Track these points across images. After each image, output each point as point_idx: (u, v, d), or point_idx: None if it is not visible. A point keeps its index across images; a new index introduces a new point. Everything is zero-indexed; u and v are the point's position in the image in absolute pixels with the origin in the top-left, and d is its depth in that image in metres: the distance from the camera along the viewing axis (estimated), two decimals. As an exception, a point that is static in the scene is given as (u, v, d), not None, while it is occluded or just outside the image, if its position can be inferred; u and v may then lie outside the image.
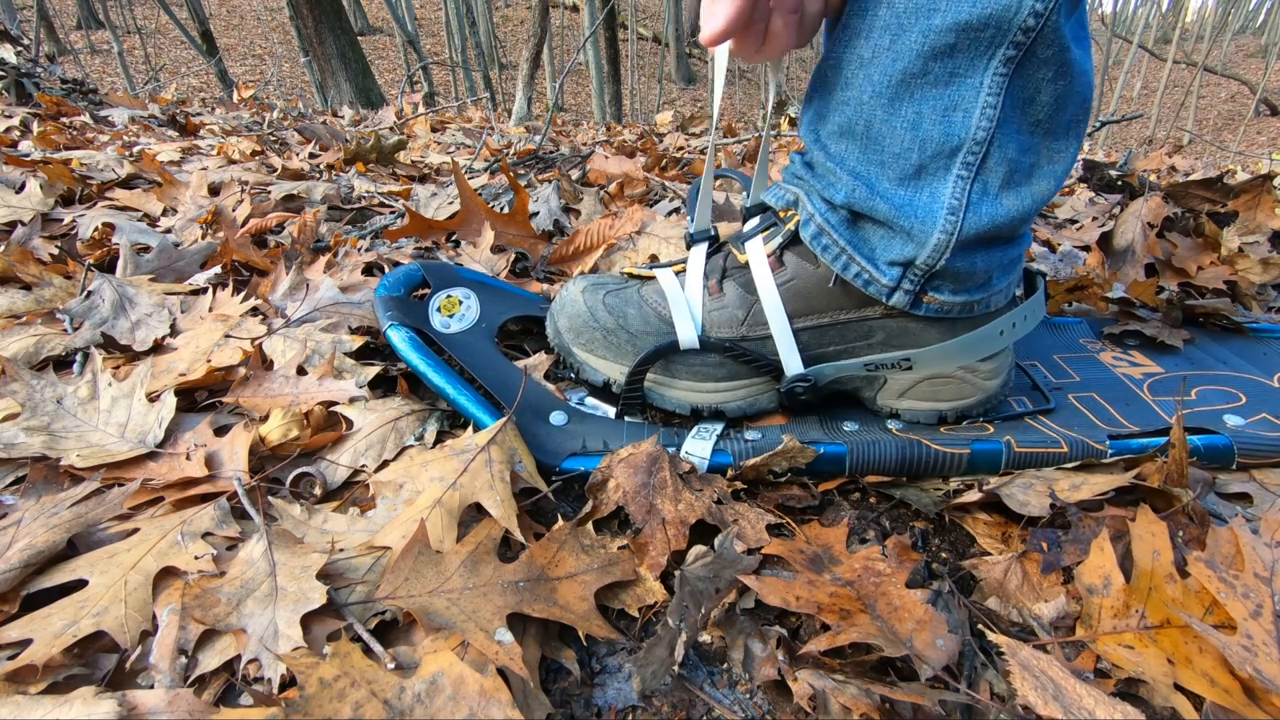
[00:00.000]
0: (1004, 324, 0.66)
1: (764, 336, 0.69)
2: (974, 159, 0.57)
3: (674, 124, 4.04)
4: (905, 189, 0.59)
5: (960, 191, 0.58)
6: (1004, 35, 0.52)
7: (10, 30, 2.77)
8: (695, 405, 0.71)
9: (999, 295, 0.66)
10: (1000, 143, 0.56)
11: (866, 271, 0.63)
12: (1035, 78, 0.55)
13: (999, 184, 0.58)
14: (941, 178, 0.58)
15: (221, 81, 8.91)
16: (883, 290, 0.63)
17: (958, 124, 0.56)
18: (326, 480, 0.62)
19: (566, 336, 0.74)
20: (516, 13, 19.71)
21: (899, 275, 0.62)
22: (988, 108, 0.55)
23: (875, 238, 0.62)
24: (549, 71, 11.69)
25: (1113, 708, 0.40)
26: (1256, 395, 0.76)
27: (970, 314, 0.65)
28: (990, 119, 0.55)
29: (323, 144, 2.13)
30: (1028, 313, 0.67)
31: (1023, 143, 0.58)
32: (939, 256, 0.59)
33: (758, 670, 0.47)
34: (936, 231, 0.58)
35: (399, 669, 0.43)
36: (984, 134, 0.56)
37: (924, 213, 0.59)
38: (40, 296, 0.89)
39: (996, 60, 0.53)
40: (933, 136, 0.57)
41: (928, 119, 0.56)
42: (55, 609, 0.47)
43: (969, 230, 0.59)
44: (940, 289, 0.63)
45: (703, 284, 0.71)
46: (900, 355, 0.66)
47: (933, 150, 0.57)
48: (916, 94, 0.56)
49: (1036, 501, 0.59)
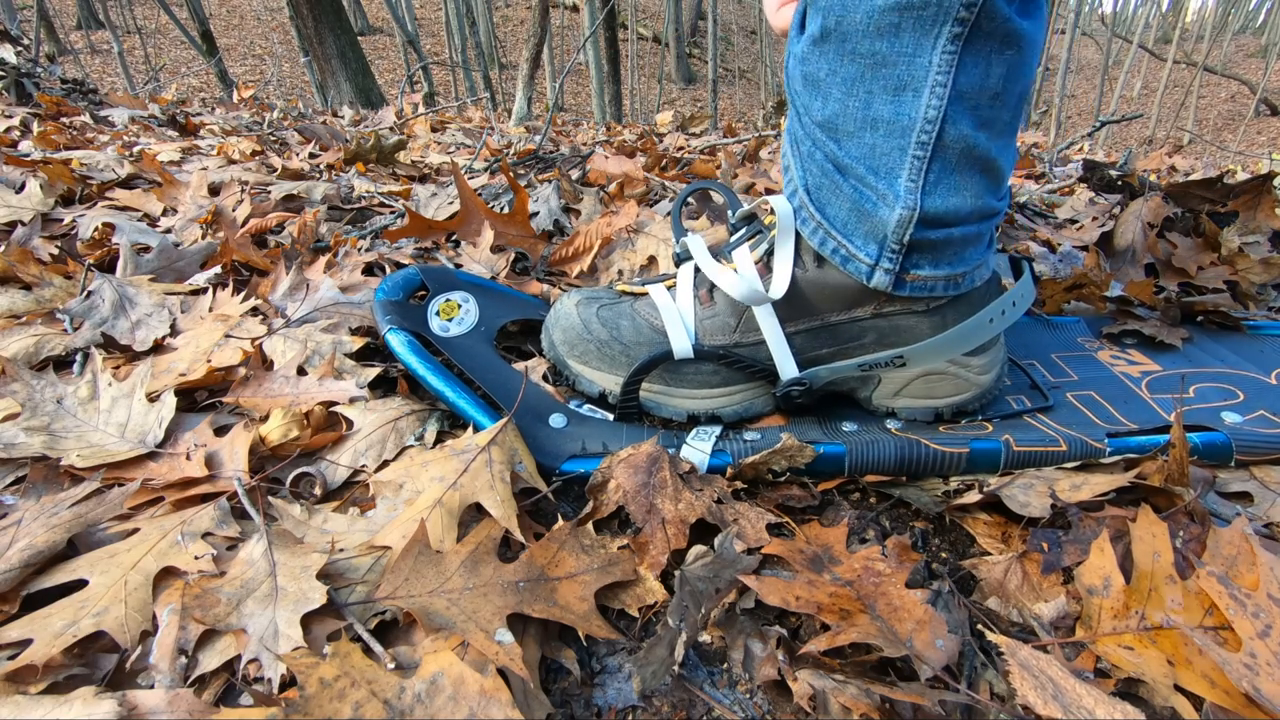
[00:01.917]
0: (992, 312, 0.66)
1: (757, 342, 0.69)
2: (928, 137, 0.58)
3: (674, 124, 4.04)
4: (867, 166, 0.60)
5: (917, 171, 0.59)
6: (947, 14, 0.53)
7: (10, 30, 2.77)
8: (692, 412, 0.71)
9: (981, 270, 0.67)
10: (953, 119, 0.57)
11: (844, 248, 0.64)
12: (984, 52, 0.56)
13: (955, 160, 0.59)
14: (898, 157, 0.59)
15: (221, 81, 8.91)
16: (863, 269, 0.63)
17: (908, 104, 0.57)
18: (326, 480, 0.62)
19: (561, 349, 0.75)
20: (516, 13, 19.71)
21: (877, 252, 0.62)
22: (937, 86, 0.56)
23: (848, 213, 0.63)
24: (549, 71, 11.68)
25: (1112, 707, 0.40)
26: (1255, 392, 0.76)
27: (956, 289, 0.65)
28: (940, 97, 0.56)
29: (323, 144, 2.13)
30: (1015, 299, 0.67)
31: (978, 118, 0.58)
32: (904, 231, 0.60)
33: (758, 670, 0.47)
34: (899, 207, 0.59)
35: (399, 669, 0.43)
36: (935, 112, 0.57)
37: (885, 190, 0.60)
38: (40, 296, 0.89)
39: (944, 39, 0.54)
40: (883, 116, 0.58)
41: (878, 98, 0.57)
42: (55, 609, 0.47)
43: (930, 208, 0.59)
44: (919, 264, 0.63)
45: (694, 294, 0.71)
46: (893, 354, 0.67)
47: (884, 130, 0.58)
48: (867, 74, 0.57)
49: (1037, 502, 0.59)
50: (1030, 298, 0.69)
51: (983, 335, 0.67)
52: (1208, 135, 14.52)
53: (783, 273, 0.66)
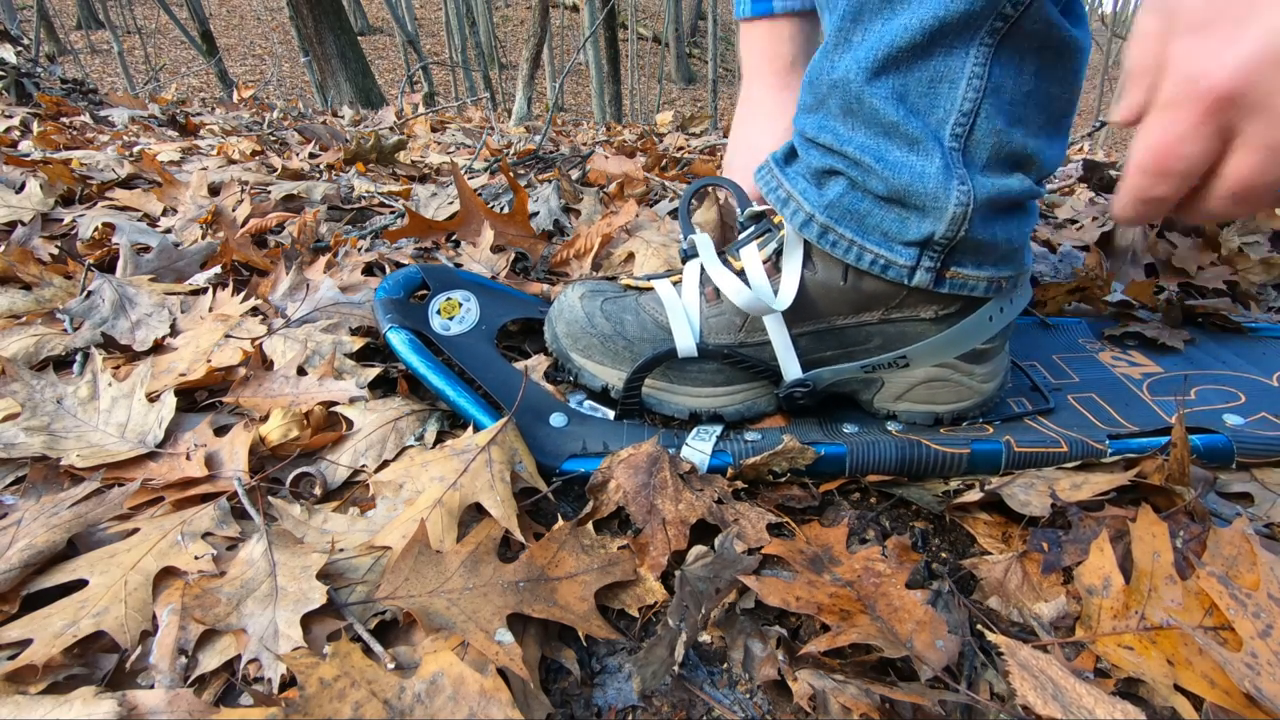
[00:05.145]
0: (991, 309, 0.66)
1: (762, 342, 0.69)
2: (962, 130, 0.58)
3: (674, 124, 4.04)
4: (916, 156, 0.59)
5: (956, 162, 0.59)
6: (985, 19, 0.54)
7: (10, 30, 2.77)
8: (694, 410, 0.71)
9: (1027, 273, 0.67)
10: (987, 114, 0.57)
11: (882, 258, 0.63)
12: (1021, 49, 0.56)
13: (988, 155, 0.59)
14: (936, 149, 0.59)
15: (221, 81, 8.91)
16: (902, 272, 0.62)
17: (944, 95, 0.57)
18: (326, 480, 0.62)
19: (564, 342, 0.74)
20: (516, 13, 19.71)
21: (916, 255, 0.62)
22: (974, 78, 0.56)
23: (888, 221, 0.62)
24: (549, 71, 11.69)
25: (1112, 707, 0.40)
26: (1256, 394, 0.76)
27: (998, 292, 0.65)
28: (977, 89, 0.56)
29: (323, 144, 2.13)
30: (1012, 296, 0.67)
31: (1012, 114, 0.58)
32: (958, 228, 0.59)
33: (758, 670, 0.47)
34: (952, 203, 0.58)
35: (399, 669, 0.43)
36: (970, 104, 0.57)
37: (937, 181, 0.59)
38: (40, 296, 0.89)
39: (982, 32, 0.55)
40: (919, 108, 0.58)
41: (914, 91, 0.58)
42: (55, 609, 0.47)
43: (981, 196, 0.59)
44: (963, 263, 0.62)
45: (699, 292, 0.71)
46: (896, 354, 0.67)
47: (918, 121, 0.58)
48: (902, 66, 0.57)
49: (1038, 501, 0.59)
50: (1027, 294, 0.69)
51: (984, 332, 0.67)
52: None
53: (790, 281, 0.66)
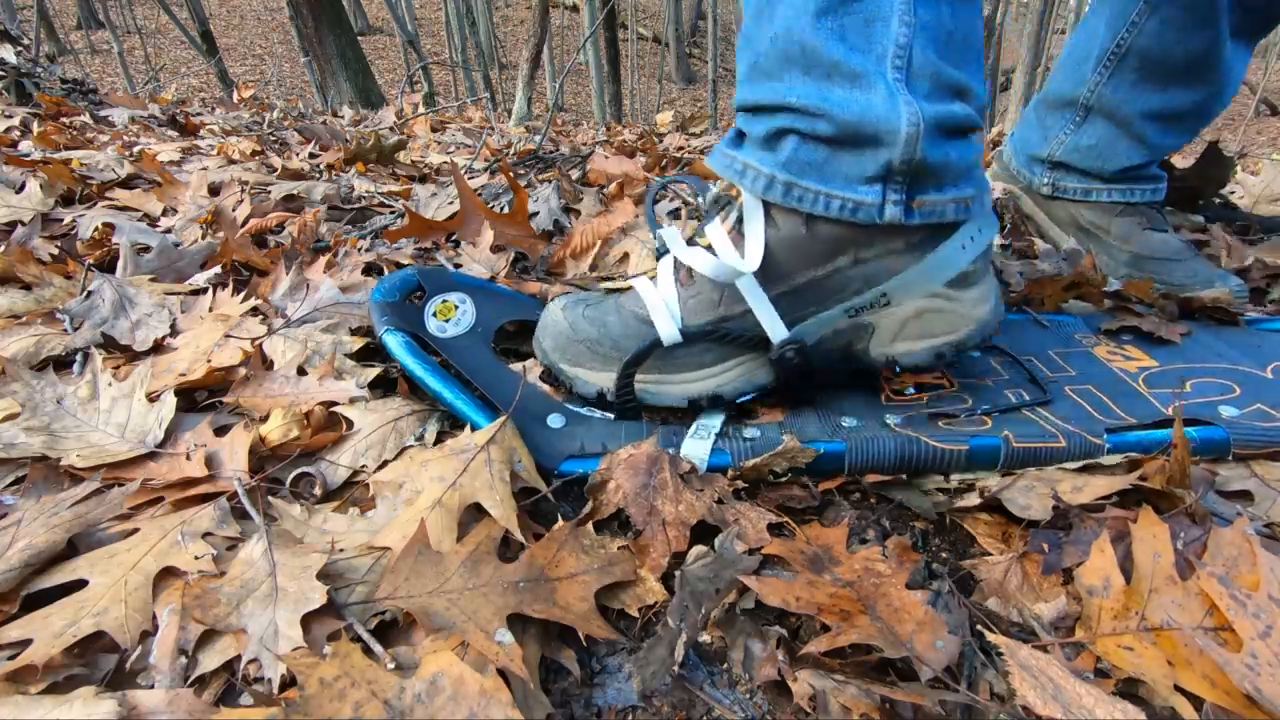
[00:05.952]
0: (962, 238, 0.67)
1: (743, 312, 0.69)
2: (901, 62, 0.61)
3: (674, 124, 4.04)
4: (860, 90, 0.62)
5: (899, 89, 0.62)
6: None
7: (10, 30, 2.77)
8: (691, 396, 0.71)
9: (988, 195, 0.69)
10: (921, 46, 0.61)
11: (850, 200, 0.64)
12: None
13: (929, 85, 0.63)
14: (879, 80, 0.62)
15: (221, 81, 8.91)
16: (872, 211, 0.64)
17: (879, 32, 0.61)
18: (326, 480, 0.62)
19: (553, 356, 0.75)
20: (516, 13, 19.71)
21: (881, 190, 0.64)
22: (905, 15, 0.60)
23: (846, 163, 0.64)
24: (549, 71, 11.69)
25: (1112, 707, 0.40)
26: (1251, 386, 0.76)
27: (967, 214, 0.67)
28: (909, 25, 0.61)
29: (323, 144, 2.13)
30: (981, 225, 0.69)
31: (941, 49, 0.63)
32: (913, 150, 0.62)
33: (758, 670, 0.47)
34: (904, 124, 0.61)
35: (399, 669, 0.43)
36: (905, 39, 0.61)
37: (884, 109, 0.61)
38: (40, 296, 0.89)
39: None
40: (859, 45, 0.61)
41: (851, 30, 0.61)
42: (55, 609, 0.47)
43: (930, 116, 0.62)
44: (926, 189, 0.64)
45: (674, 278, 0.72)
46: (876, 291, 0.68)
47: (859, 57, 0.62)
48: (839, 9, 0.61)
49: (1038, 504, 0.59)
50: (995, 224, 0.71)
51: (959, 261, 0.68)
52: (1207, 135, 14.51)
53: (755, 241, 0.67)
